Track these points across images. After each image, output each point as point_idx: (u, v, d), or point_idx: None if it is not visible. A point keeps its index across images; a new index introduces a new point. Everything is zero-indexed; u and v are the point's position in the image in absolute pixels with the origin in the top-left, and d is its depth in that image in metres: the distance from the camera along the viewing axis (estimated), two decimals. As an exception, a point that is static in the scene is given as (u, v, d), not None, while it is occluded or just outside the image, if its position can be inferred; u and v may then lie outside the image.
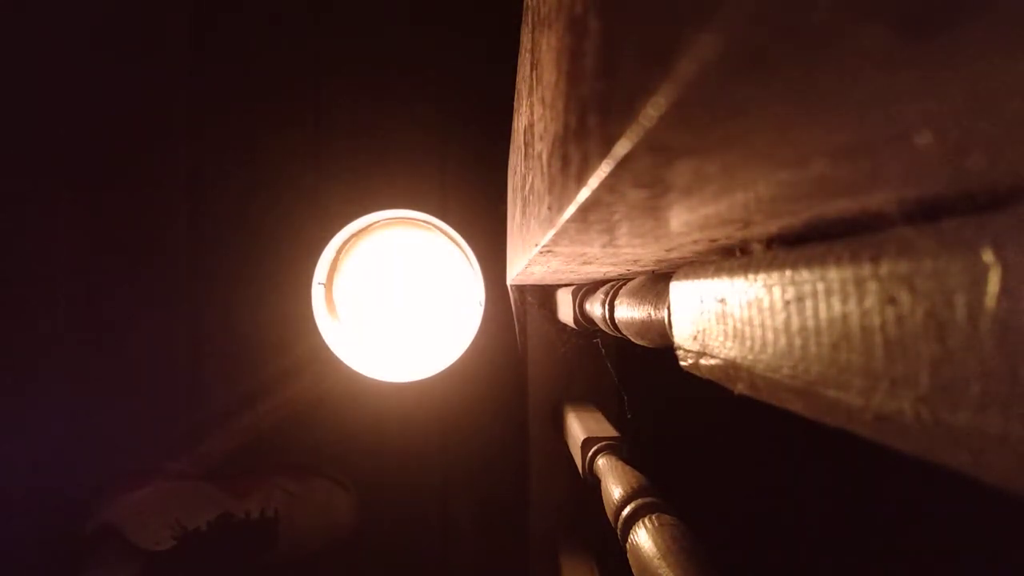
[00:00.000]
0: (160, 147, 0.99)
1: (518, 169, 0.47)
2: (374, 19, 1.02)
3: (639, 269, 0.37)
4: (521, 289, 0.83)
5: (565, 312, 0.68)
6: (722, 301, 0.20)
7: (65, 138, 0.97)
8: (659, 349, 0.33)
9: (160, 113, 1.00)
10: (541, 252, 0.30)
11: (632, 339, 0.38)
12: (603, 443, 0.60)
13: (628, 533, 0.39)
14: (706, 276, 0.22)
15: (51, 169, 0.97)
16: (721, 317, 0.21)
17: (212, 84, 1.00)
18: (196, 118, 1.00)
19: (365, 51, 1.02)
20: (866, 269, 0.13)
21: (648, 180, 0.15)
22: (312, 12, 1.01)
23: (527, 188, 0.36)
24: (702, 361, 0.23)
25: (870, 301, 0.13)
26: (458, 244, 1.00)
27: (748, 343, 0.19)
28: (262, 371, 0.98)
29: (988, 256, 0.10)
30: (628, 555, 0.38)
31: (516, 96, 0.54)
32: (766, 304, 0.17)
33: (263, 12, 1.01)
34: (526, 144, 0.37)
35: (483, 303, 0.95)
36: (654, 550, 0.35)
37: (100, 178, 0.98)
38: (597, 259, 0.32)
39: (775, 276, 0.17)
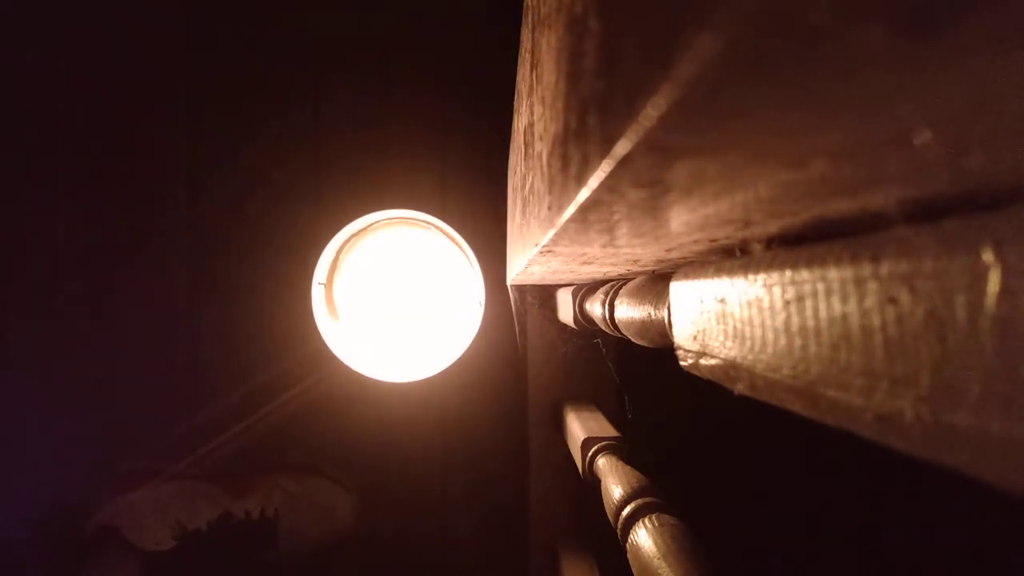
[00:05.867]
0: (160, 148, 0.99)
1: (518, 169, 0.47)
2: (374, 20, 1.02)
3: (639, 269, 0.37)
4: (521, 289, 0.83)
5: (565, 312, 0.68)
6: (722, 301, 0.20)
7: (66, 139, 0.97)
8: (659, 349, 0.33)
9: (160, 114, 1.00)
10: (541, 252, 0.30)
11: (632, 339, 0.38)
12: (603, 443, 0.60)
13: (628, 533, 0.39)
14: (706, 276, 0.22)
15: (52, 170, 0.97)
16: (721, 317, 0.21)
17: (212, 85, 1.00)
18: (196, 119, 1.00)
19: (365, 52, 1.02)
20: (866, 269, 0.13)
21: (648, 180, 0.15)
22: (311, 14, 1.01)
23: (527, 188, 0.36)
24: (702, 361, 0.23)
25: (870, 301, 0.13)
26: (458, 244, 1.00)
27: (748, 343, 0.19)
28: (262, 371, 0.98)
29: (988, 256, 0.10)
30: (628, 555, 0.38)
31: (516, 96, 0.54)
32: (766, 304, 0.17)
33: (263, 14, 1.01)
34: (526, 144, 0.37)
35: (483, 303, 0.95)
36: (654, 550, 0.35)
37: (100, 180, 0.98)
38: (597, 259, 0.32)
39: (775, 276, 0.17)
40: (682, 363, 0.25)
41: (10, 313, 0.95)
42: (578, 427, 0.65)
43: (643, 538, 0.37)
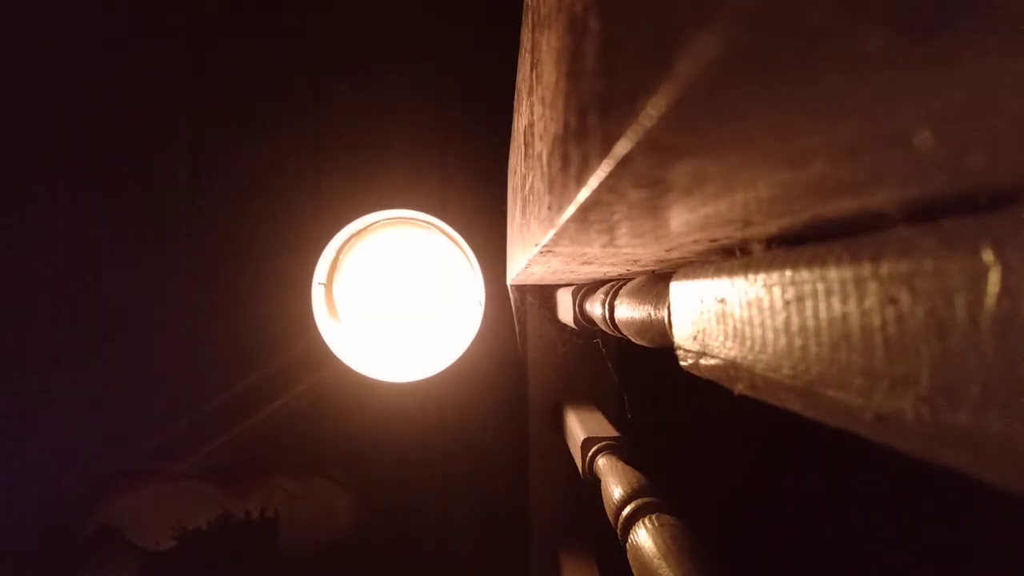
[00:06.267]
0: (160, 148, 0.99)
1: (518, 169, 0.47)
2: (373, 19, 1.02)
3: (639, 269, 0.37)
4: (521, 289, 0.83)
5: (565, 312, 0.68)
6: (722, 301, 0.20)
7: (65, 138, 0.97)
8: (659, 349, 0.33)
9: (160, 113, 1.00)
10: (541, 252, 0.30)
11: (632, 339, 0.38)
12: (603, 443, 0.60)
13: (628, 533, 0.39)
14: (706, 276, 0.22)
15: (51, 169, 0.97)
16: (721, 317, 0.21)
17: (211, 84, 1.00)
18: (195, 118, 1.00)
19: (365, 51, 1.02)
20: (866, 269, 0.13)
21: (648, 180, 0.15)
22: (311, 13, 1.01)
23: (527, 188, 0.36)
24: (702, 361, 0.23)
25: (870, 301, 0.13)
26: (458, 244, 1.00)
27: (748, 343, 0.19)
28: (262, 371, 0.98)
29: (988, 256, 0.10)
30: (628, 555, 0.38)
31: (516, 96, 0.54)
32: (766, 304, 0.17)
33: (263, 12, 1.01)
34: (526, 144, 0.37)
35: (483, 303, 0.95)
36: (654, 550, 0.35)
37: (100, 179, 0.98)
38: (597, 259, 0.32)
39: (775, 276, 0.17)
40: (682, 363, 0.25)
41: (9, 313, 0.95)
42: (578, 427, 0.65)
43: (643, 538, 0.37)
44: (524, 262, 0.39)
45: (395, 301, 1.02)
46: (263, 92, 1.01)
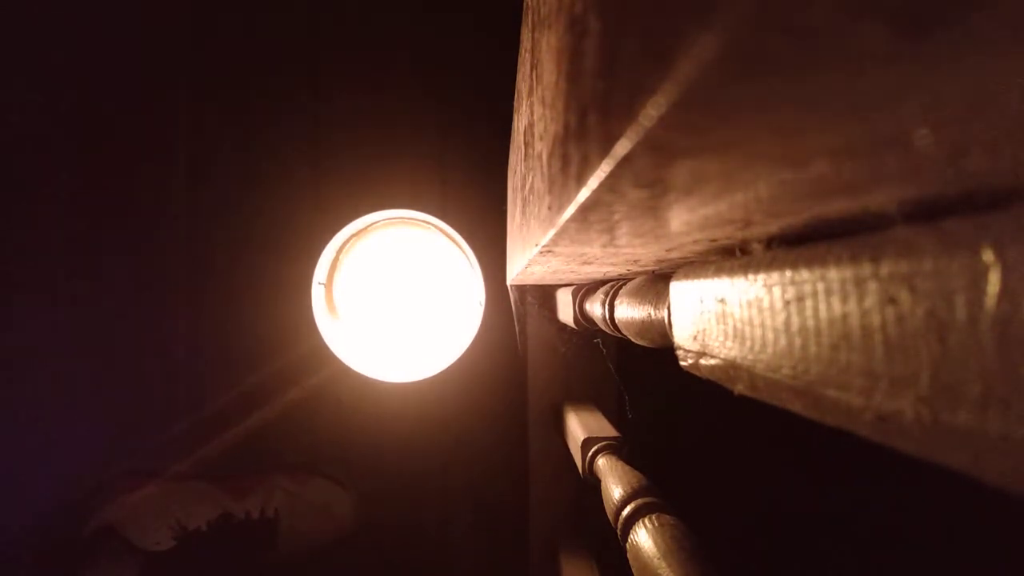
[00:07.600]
0: (159, 148, 0.99)
1: (518, 169, 0.47)
2: (373, 19, 1.02)
3: (639, 269, 0.37)
4: (521, 289, 0.83)
5: (565, 312, 0.68)
6: (722, 301, 0.20)
7: (64, 138, 0.97)
8: (659, 349, 0.33)
9: (159, 113, 0.99)
10: (541, 252, 0.30)
11: (632, 339, 0.38)
12: (603, 443, 0.60)
13: (628, 533, 0.39)
14: (706, 276, 0.22)
15: (49, 168, 0.97)
16: (721, 317, 0.21)
17: (210, 84, 1.00)
18: (195, 118, 1.00)
19: (365, 51, 1.02)
20: (866, 269, 0.13)
21: (648, 180, 0.15)
22: (311, 12, 1.01)
23: (527, 188, 0.36)
24: (702, 361, 0.23)
25: (870, 301, 0.13)
26: (458, 244, 1.00)
27: (748, 343, 0.19)
28: (262, 371, 0.98)
29: (988, 256, 0.10)
30: (628, 555, 0.38)
31: (516, 96, 0.54)
32: (766, 304, 0.17)
33: (262, 11, 1.01)
34: (526, 144, 0.37)
35: (483, 303, 0.95)
36: (654, 550, 0.35)
37: (99, 178, 0.98)
38: (597, 259, 0.32)
39: (775, 276, 0.17)
40: (682, 363, 0.25)
41: (8, 313, 0.95)
42: (578, 427, 0.65)
43: (643, 538, 0.37)
44: (524, 262, 0.39)
45: (395, 301, 1.02)
46: (262, 91, 1.01)
